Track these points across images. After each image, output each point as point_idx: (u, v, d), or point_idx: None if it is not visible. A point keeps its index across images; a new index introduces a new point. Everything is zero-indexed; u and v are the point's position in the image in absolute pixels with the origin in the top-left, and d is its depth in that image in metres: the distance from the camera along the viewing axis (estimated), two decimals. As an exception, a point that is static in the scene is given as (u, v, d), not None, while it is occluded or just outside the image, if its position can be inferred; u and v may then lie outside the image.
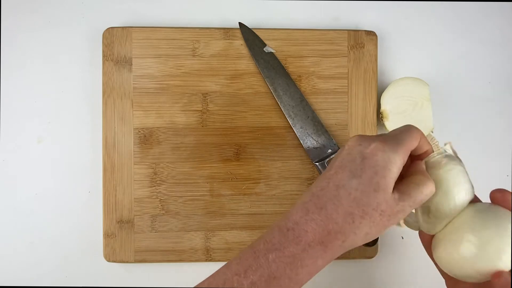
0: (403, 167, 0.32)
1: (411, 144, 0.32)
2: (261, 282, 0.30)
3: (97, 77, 0.47)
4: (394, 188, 0.31)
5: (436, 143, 0.49)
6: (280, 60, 0.48)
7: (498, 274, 0.30)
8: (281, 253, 0.30)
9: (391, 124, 0.47)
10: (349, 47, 0.48)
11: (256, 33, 0.47)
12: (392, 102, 0.47)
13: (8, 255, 0.47)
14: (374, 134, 0.48)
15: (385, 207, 0.30)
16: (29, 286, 0.48)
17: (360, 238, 0.31)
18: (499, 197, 0.34)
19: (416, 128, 0.33)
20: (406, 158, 0.32)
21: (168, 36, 0.47)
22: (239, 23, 0.48)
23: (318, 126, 0.47)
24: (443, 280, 0.51)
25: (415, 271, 0.50)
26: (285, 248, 0.30)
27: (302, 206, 0.31)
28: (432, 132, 0.48)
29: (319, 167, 0.46)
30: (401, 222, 0.37)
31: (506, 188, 0.51)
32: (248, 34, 0.47)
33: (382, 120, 0.48)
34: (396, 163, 0.31)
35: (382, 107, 0.48)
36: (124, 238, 0.46)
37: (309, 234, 0.30)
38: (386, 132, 0.44)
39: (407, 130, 0.33)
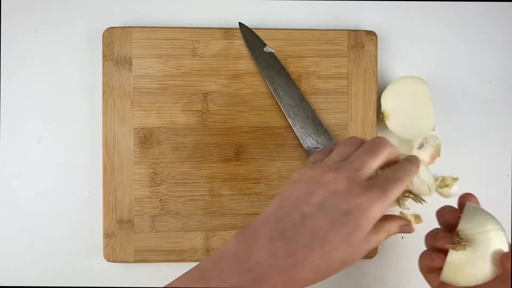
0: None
1: (398, 193, 0.31)
2: None
3: (97, 77, 0.47)
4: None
5: (438, 144, 0.49)
6: (280, 60, 0.48)
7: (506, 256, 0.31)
8: None
9: (393, 123, 0.47)
10: (349, 47, 0.48)
11: (256, 33, 0.47)
12: (392, 102, 0.47)
13: (8, 255, 0.47)
14: (374, 134, 0.48)
15: (350, 259, 0.30)
16: (29, 286, 0.48)
17: (314, 283, 0.30)
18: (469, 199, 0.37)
19: (412, 167, 0.33)
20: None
21: (168, 36, 0.47)
22: (239, 23, 0.48)
23: (318, 126, 0.47)
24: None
25: (415, 271, 0.50)
26: None
27: (268, 244, 0.29)
28: (433, 130, 0.48)
29: (319, 167, 0.46)
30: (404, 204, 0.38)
31: (506, 189, 0.52)
32: (248, 34, 0.47)
33: (383, 119, 0.48)
34: (377, 218, 0.30)
35: (383, 107, 0.48)
36: (124, 238, 0.46)
37: (272, 280, 0.28)
38: (388, 137, 0.44)
39: (398, 179, 0.32)
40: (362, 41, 0.48)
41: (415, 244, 0.51)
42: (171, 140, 0.47)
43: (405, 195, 0.48)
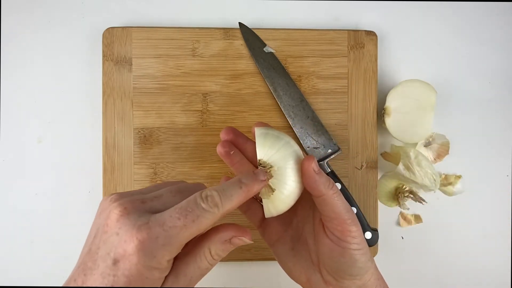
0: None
1: (190, 236, 0.25)
2: None
3: (97, 77, 0.47)
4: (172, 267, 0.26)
5: (446, 143, 0.49)
6: (280, 60, 0.48)
7: (308, 158, 0.30)
8: None
9: (392, 121, 0.47)
10: (349, 47, 0.48)
11: (256, 33, 0.47)
12: (398, 101, 0.47)
13: (8, 254, 0.47)
14: (374, 134, 0.48)
15: None
16: (29, 286, 0.48)
17: None
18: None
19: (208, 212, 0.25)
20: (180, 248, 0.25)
21: (168, 36, 0.47)
22: (239, 23, 0.48)
23: (318, 126, 0.47)
24: (443, 280, 0.52)
25: (415, 271, 0.50)
26: None
27: None
28: (429, 138, 0.48)
29: (319, 167, 0.46)
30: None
31: (506, 189, 0.52)
32: (248, 34, 0.47)
33: (383, 116, 0.48)
34: (161, 260, 0.24)
35: (387, 104, 0.47)
36: (124, 238, 0.46)
37: None
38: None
39: (193, 213, 0.25)
40: (362, 41, 0.48)
41: (415, 244, 0.51)
42: (171, 140, 0.47)
43: (405, 195, 0.48)
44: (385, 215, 0.50)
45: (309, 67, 0.48)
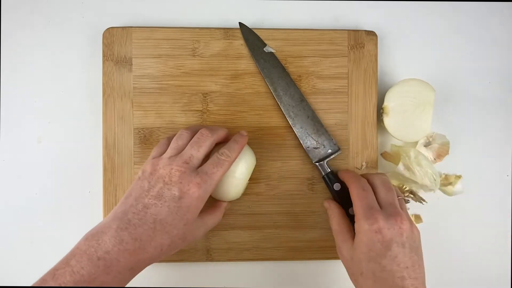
0: None
1: (223, 172, 0.39)
2: None
3: (97, 77, 0.47)
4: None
5: (446, 143, 0.49)
6: (280, 60, 0.48)
7: None
8: (91, 284, 0.32)
9: (390, 120, 0.47)
10: (349, 47, 0.48)
11: (256, 33, 0.47)
12: (396, 100, 0.47)
13: (8, 254, 0.47)
14: (374, 134, 0.48)
15: (190, 235, 0.38)
16: (29, 286, 0.48)
17: (161, 257, 0.37)
18: None
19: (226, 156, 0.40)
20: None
21: (168, 36, 0.47)
22: (239, 23, 0.48)
23: (318, 126, 0.47)
24: (443, 280, 0.52)
25: (415, 271, 0.50)
26: (95, 279, 0.32)
27: (116, 234, 0.34)
28: (429, 138, 0.48)
29: (319, 167, 0.46)
30: None
31: (506, 189, 0.52)
32: (248, 34, 0.47)
33: (382, 115, 0.48)
34: (205, 198, 0.38)
35: (385, 103, 0.47)
36: (124, 238, 0.46)
37: (121, 263, 0.34)
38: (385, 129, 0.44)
39: (220, 163, 0.39)
40: (362, 41, 0.48)
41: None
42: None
43: (406, 195, 0.48)
44: (385, 215, 0.50)
45: (309, 67, 0.48)
